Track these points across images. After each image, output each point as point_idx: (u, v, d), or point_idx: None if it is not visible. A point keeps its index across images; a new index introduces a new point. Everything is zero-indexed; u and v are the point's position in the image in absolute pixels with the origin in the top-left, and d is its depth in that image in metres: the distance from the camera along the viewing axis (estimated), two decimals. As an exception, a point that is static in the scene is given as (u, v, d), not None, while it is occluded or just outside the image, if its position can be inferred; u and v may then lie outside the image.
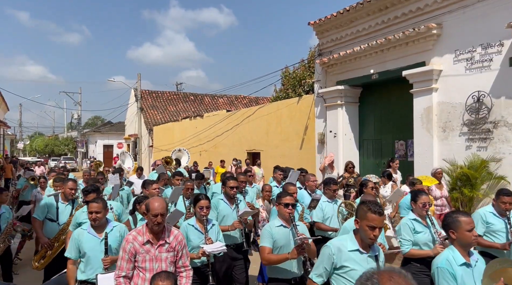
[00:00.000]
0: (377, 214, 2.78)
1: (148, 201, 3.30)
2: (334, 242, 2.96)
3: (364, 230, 2.81)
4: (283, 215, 3.72)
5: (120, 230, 3.92)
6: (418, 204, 4.19)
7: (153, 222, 3.19)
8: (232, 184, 4.95)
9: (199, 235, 4.11)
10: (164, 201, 3.30)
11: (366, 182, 5.74)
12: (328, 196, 5.42)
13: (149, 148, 26.00)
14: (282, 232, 3.68)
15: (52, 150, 49.08)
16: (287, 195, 3.83)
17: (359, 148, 11.14)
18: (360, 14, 9.93)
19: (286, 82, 19.09)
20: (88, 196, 4.48)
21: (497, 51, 7.29)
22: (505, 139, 7.25)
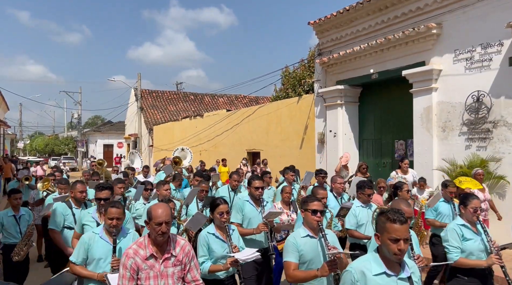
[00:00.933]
0: (398, 222, 2.32)
1: (150, 208, 2.90)
2: (356, 265, 2.46)
3: (386, 245, 2.34)
4: (310, 223, 3.22)
5: (134, 238, 3.51)
6: (468, 208, 3.75)
7: (157, 231, 2.78)
8: (257, 184, 4.58)
9: (221, 243, 3.67)
10: (169, 207, 2.93)
11: (401, 184, 5.41)
12: (362, 201, 4.94)
13: (149, 148, 26.01)
14: (309, 243, 3.18)
15: (52, 149, 49.10)
16: (314, 199, 3.31)
17: (359, 147, 11.14)
18: (360, 13, 9.93)
19: (286, 82, 19.09)
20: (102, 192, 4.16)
21: (496, 51, 7.29)
22: (504, 139, 7.26)
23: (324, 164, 11.15)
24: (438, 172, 8.13)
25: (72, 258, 3.41)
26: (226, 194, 6.48)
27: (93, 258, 3.36)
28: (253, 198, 4.60)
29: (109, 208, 3.43)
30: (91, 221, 4.15)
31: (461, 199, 3.96)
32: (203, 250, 3.59)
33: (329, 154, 11.23)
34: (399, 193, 5.28)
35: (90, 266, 3.37)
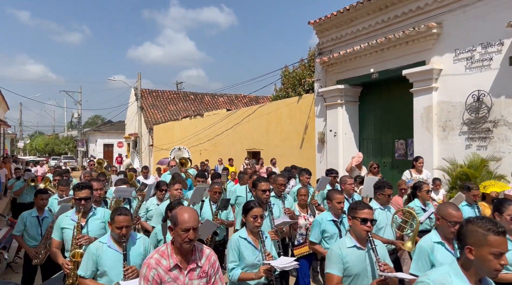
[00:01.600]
0: (502, 235, 2.05)
1: (176, 212, 2.61)
2: (435, 277, 2.14)
3: (486, 260, 2.03)
4: (358, 233, 2.95)
5: (144, 244, 3.34)
6: (504, 216, 3.41)
7: (183, 239, 2.50)
8: (264, 187, 4.28)
9: (253, 250, 3.39)
10: (196, 212, 2.69)
11: (421, 184, 5.18)
12: (381, 202, 4.62)
13: (149, 147, 26.01)
14: (356, 255, 2.91)
15: (52, 149, 49.09)
16: (364, 207, 3.03)
17: (359, 147, 11.14)
18: (360, 13, 9.92)
19: (286, 81, 19.09)
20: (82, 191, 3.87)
21: (497, 51, 7.29)
22: (505, 139, 7.26)
23: (324, 164, 11.15)
24: (438, 171, 8.12)
25: (81, 271, 3.20)
26: (243, 193, 6.19)
27: (104, 269, 3.13)
28: (260, 201, 4.21)
29: (116, 216, 3.17)
30: (71, 223, 3.86)
31: (496, 205, 3.63)
32: (234, 255, 3.34)
33: (329, 154, 11.23)
34: (418, 194, 5.04)
35: (102, 279, 3.15)
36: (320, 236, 4.19)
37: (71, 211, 4.04)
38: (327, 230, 4.17)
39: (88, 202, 3.92)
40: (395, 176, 9.77)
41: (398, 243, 4.35)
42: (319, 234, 4.19)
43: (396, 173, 9.99)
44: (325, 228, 4.17)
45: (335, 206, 4.20)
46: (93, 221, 3.95)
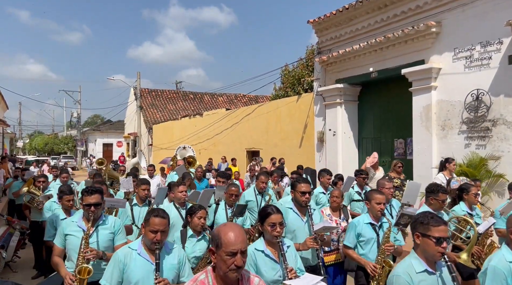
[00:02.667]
0: None
1: (219, 230, 2.10)
2: None
3: None
4: (431, 254, 2.53)
5: (179, 255, 2.97)
6: None
7: (229, 265, 2.00)
8: (304, 188, 3.82)
9: (273, 264, 2.94)
10: (243, 229, 2.19)
11: (468, 187, 4.73)
12: (433, 208, 4.17)
13: (149, 147, 25.99)
14: (429, 282, 2.51)
15: (51, 148, 49.06)
16: (440, 223, 2.54)
17: (358, 146, 11.14)
18: (360, 12, 9.91)
19: (286, 80, 19.08)
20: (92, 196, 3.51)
21: (496, 49, 7.28)
22: (504, 138, 7.25)
23: (323, 163, 11.15)
24: (437, 170, 8.11)
25: (104, 281, 2.83)
26: (252, 197, 5.74)
27: (130, 281, 2.77)
28: (298, 205, 3.87)
29: (151, 218, 2.82)
30: (77, 230, 3.54)
31: None
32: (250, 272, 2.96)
33: (328, 153, 11.22)
34: (465, 197, 4.65)
35: None
36: (356, 240, 3.84)
37: (77, 215, 3.69)
38: (363, 233, 3.81)
39: (99, 208, 3.54)
40: (394, 175, 9.77)
41: (452, 255, 3.95)
42: (354, 237, 3.84)
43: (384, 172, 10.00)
44: (361, 231, 3.82)
45: (374, 207, 3.83)
46: (102, 230, 3.57)
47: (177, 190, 4.85)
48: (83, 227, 3.51)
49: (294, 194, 3.91)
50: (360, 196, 6.21)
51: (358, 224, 3.87)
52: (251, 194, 5.82)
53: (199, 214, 3.78)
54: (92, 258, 3.29)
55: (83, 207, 3.54)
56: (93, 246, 3.40)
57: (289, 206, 3.91)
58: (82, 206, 3.57)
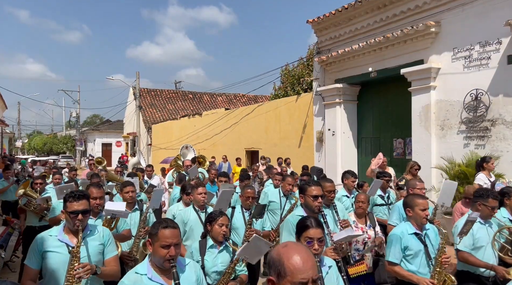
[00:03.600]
0: None
1: (279, 253, 1.63)
2: None
3: None
4: None
5: (196, 271, 2.61)
6: None
7: None
8: (315, 192, 3.44)
9: None
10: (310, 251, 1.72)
11: (510, 191, 4.40)
12: (482, 215, 3.82)
13: (148, 146, 25.97)
14: None
15: (50, 148, 49.01)
16: None
17: (357, 146, 11.14)
18: (359, 12, 9.92)
19: (285, 80, 19.09)
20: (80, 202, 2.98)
21: (495, 49, 7.29)
22: (502, 137, 7.26)
23: (322, 163, 11.16)
24: (436, 170, 8.13)
25: None
26: (276, 198, 5.39)
27: None
28: (310, 211, 3.45)
29: (160, 230, 2.39)
30: (58, 245, 2.90)
31: None
32: None
33: (327, 153, 11.22)
34: (507, 202, 4.31)
35: None
36: (401, 255, 3.40)
37: (55, 229, 3.04)
38: (410, 246, 3.37)
39: (87, 216, 3.02)
40: (393, 174, 9.78)
41: (501, 270, 3.56)
42: (400, 252, 3.39)
43: (394, 172, 9.98)
44: (407, 244, 3.38)
45: (418, 214, 3.40)
46: (91, 242, 3.01)
47: (196, 192, 4.48)
48: (66, 241, 2.91)
49: (305, 199, 3.50)
50: (383, 199, 5.73)
51: (403, 235, 3.40)
52: (275, 194, 5.48)
53: (220, 221, 3.30)
54: (86, 275, 2.74)
55: (67, 215, 2.94)
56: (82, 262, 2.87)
57: (300, 214, 3.40)
58: (65, 214, 2.97)
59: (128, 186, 4.73)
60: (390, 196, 5.79)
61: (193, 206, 4.52)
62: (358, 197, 4.40)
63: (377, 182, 5.51)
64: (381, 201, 5.71)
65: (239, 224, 4.47)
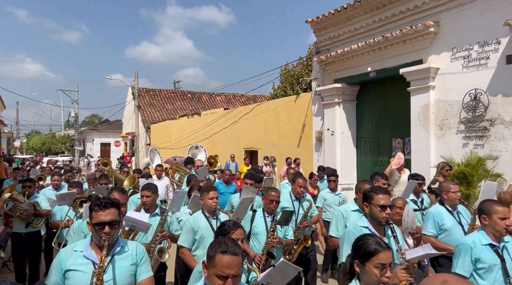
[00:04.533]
0: None
1: None
2: None
3: None
4: None
5: None
6: None
7: None
8: (383, 201, 3.00)
9: None
10: None
11: None
12: None
13: (147, 146, 25.95)
14: None
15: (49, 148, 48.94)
16: None
17: (356, 146, 11.15)
18: (358, 12, 9.92)
19: (285, 80, 19.09)
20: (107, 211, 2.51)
21: (494, 49, 7.30)
22: (501, 137, 7.27)
23: (321, 163, 11.15)
24: (435, 170, 8.13)
25: None
26: (289, 203, 4.95)
27: None
28: (376, 223, 3.03)
29: (218, 255, 1.96)
30: (84, 263, 2.50)
31: None
32: None
33: (326, 153, 11.23)
34: None
35: None
36: (471, 267, 3.01)
37: (81, 243, 2.63)
38: (483, 259, 2.98)
39: (116, 229, 2.53)
40: (392, 174, 9.79)
41: None
42: (471, 264, 3.00)
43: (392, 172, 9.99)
44: (479, 256, 2.99)
45: (497, 223, 3.01)
46: (120, 262, 2.56)
47: (207, 196, 3.98)
48: (92, 258, 2.49)
49: (370, 209, 3.06)
50: (416, 204, 5.22)
51: (474, 246, 3.02)
52: (286, 199, 4.98)
53: (235, 235, 2.81)
54: None
55: (93, 228, 2.48)
56: None
57: (365, 225, 3.05)
58: (90, 226, 2.52)
59: (145, 190, 4.28)
60: (424, 201, 5.31)
61: (203, 211, 4.03)
62: (396, 201, 3.80)
63: (412, 183, 4.98)
64: (414, 206, 5.08)
65: (260, 230, 4.11)
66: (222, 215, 4.13)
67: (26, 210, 5.40)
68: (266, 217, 4.17)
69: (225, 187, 7.44)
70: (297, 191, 4.96)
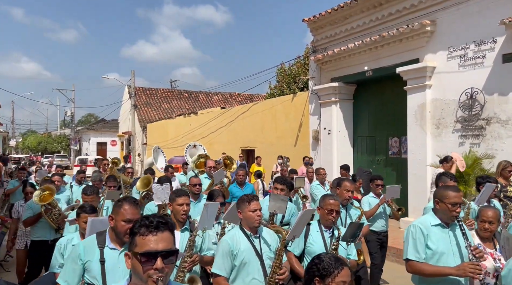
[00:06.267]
0: None
1: None
2: None
3: None
4: None
5: None
6: None
7: None
8: (456, 199, 2.89)
9: None
10: None
11: None
12: None
13: (143, 146, 25.88)
14: None
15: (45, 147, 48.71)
16: None
17: (353, 145, 11.16)
18: (354, 11, 9.93)
19: (281, 79, 19.09)
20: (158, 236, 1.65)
21: (490, 48, 7.32)
22: (497, 136, 7.29)
23: (318, 162, 11.16)
24: (432, 168, 8.15)
25: None
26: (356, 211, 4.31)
27: None
28: (447, 219, 2.92)
29: None
30: None
31: None
32: None
33: (323, 151, 11.23)
34: None
35: None
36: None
37: None
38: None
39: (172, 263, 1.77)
40: (389, 173, 9.81)
41: None
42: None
43: (390, 171, 10.03)
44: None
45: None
46: None
47: (248, 209, 3.07)
48: None
49: (441, 206, 2.93)
50: None
51: None
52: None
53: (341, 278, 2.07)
54: None
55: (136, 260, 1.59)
56: None
57: (435, 223, 2.94)
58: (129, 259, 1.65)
59: (183, 196, 3.36)
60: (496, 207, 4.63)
61: (241, 227, 3.11)
62: (485, 213, 3.21)
63: (489, 186, 4.30)
64: None
65: (317, 248, 3.33)
66: (266, 231, 3.20)
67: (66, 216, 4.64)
68: (324, 232, 3.41)
69: (239, 189, 6.62)
70: (344, 197, 4.18)
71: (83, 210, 3.44)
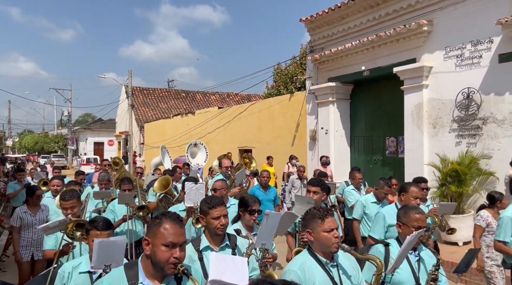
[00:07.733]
0: None
1: None
2: None
3: None
4: None
5: None
6: None
7: None
8: None
9: None
10: None
11: None
12: None
13: (140, 145, 25.84)
14: None
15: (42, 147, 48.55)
16: None
17: (350, 144, 11.18)
18: (352, 10, 9.94)
19: (278, 79, 19.10)
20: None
21: (486, 48, 7.34)
22: (494, 136, 7.32)
23: (316, 161, 11.16)
24: (429, 168, 8.18)
25: None
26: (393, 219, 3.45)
27: None
28: None
29: None
30: None
31: None
32: None
33: (320, 151, 11.23)
34: None
35: None
36: None
37: None
38: None
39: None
40: (386, 173, 9.82)
41: None
42: None
43: (387, 170, 10.04)
44: None
45: None
46: None
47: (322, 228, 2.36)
48: None
49: None
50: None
51: None
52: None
53: None
54: None
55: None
56: None
57: None
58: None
59: (219, 207, 2.70)
60: None
61: (311, 252, 2.41)
62: None
63: None
64: None
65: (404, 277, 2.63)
66: (342, 255, 2.46)
67: None
68: (409, 254, 2.62)
69: (263, 193, 6.00)
70: None
71: (94, 225, 2.60)
